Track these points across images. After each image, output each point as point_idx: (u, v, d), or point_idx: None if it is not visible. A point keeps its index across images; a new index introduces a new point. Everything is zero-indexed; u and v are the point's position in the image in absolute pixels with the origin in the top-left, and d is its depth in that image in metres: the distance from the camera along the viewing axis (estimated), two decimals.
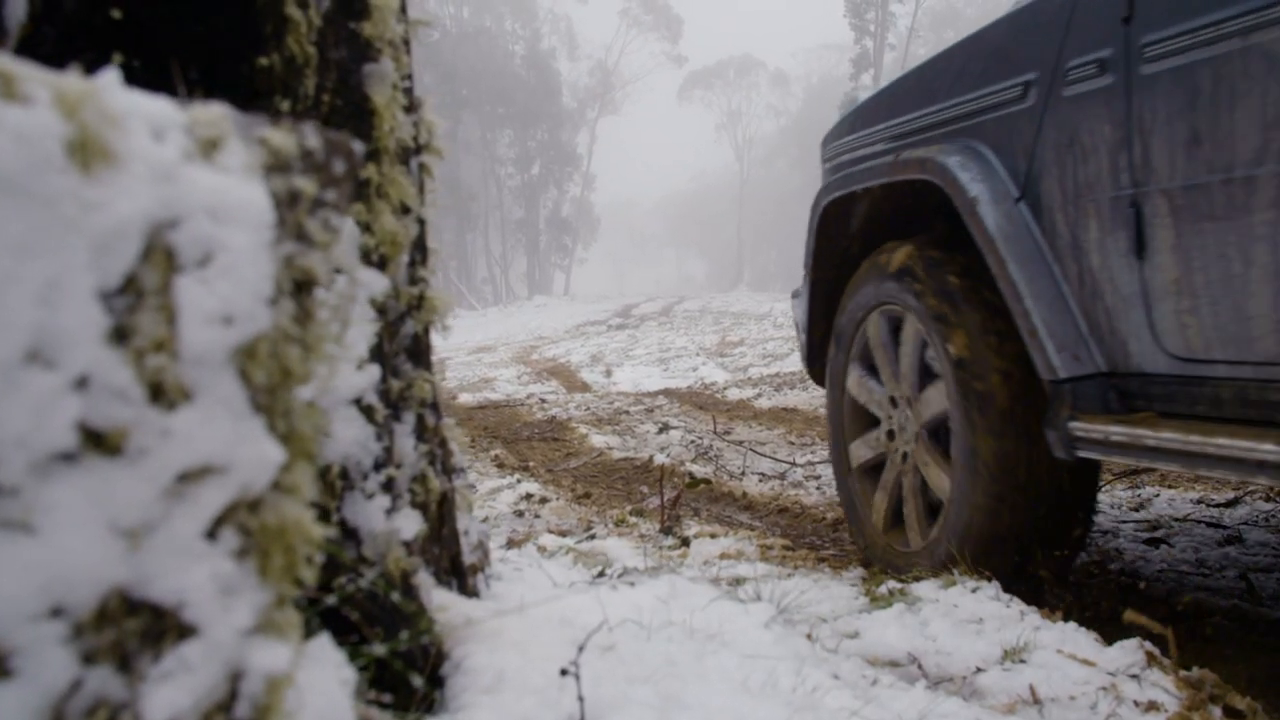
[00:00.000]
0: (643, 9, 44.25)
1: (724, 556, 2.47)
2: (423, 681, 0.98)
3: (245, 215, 0.51)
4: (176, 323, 0.49)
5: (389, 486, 1.04)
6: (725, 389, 8.11)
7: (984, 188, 2.07)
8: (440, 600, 1.11)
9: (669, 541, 2.76)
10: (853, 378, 2.65)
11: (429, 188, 1.17)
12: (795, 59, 57.73)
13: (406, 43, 1.11)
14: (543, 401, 7.84)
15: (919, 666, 1.61)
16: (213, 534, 0.51)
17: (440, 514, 1.17)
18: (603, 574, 1.84)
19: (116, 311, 0.47)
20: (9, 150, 0.43)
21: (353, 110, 1.03)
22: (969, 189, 2.08)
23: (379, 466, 1.03)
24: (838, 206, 2.70)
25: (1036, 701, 1.46)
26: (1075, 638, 1.65)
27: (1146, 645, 1.59)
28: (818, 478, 4.14)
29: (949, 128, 2.27)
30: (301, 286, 0.56)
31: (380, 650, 0.93)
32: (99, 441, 0.46)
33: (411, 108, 1.11)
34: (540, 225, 42.52)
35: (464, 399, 8.45)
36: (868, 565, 2.56)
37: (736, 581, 1.92)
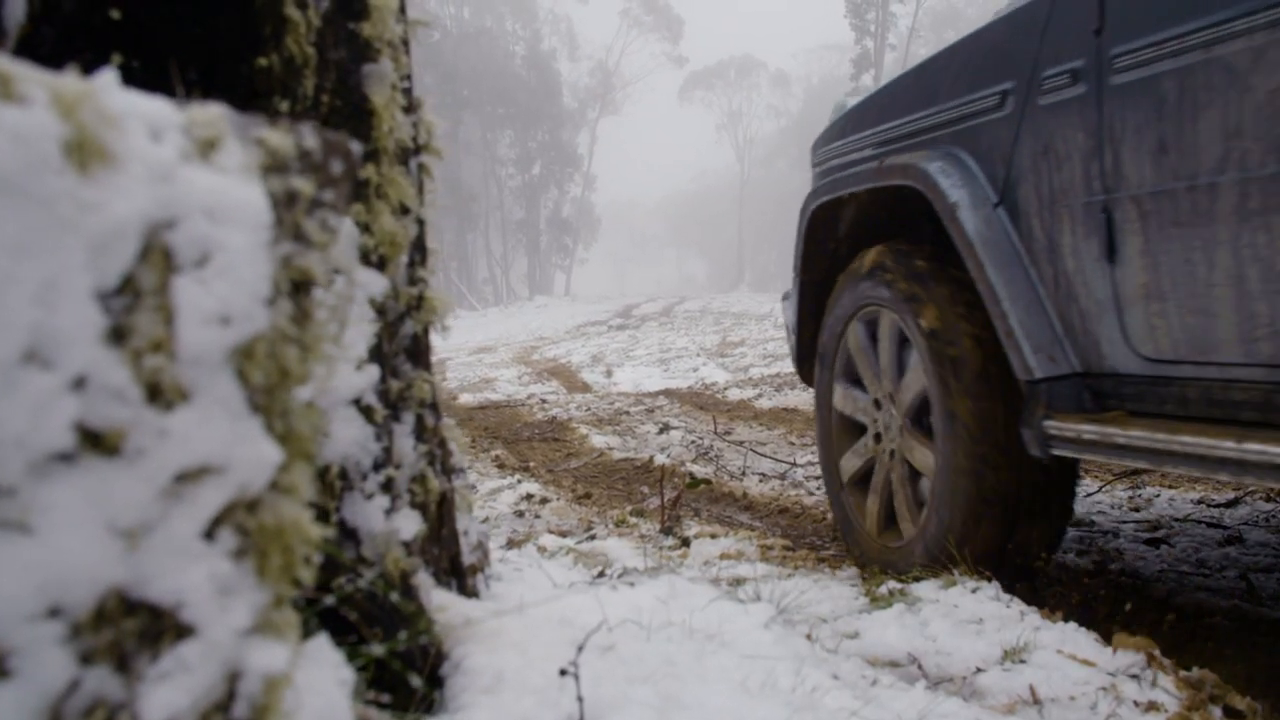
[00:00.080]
0: (643, 9, 44.28)
1: (724, 557, 2.48)
2: (422, 682, 0.98)
3: (243, 215, 0.51)
4: (174, 323, 0.49)
5: (388, 487, 1.04)
6: (726, 389, 8.11)
7: (964, 193, 2.13)
8: (439, 600, 1.11)
9: (669, 542, 2.76)
10: (838, 393, 2.74)
11: (428, 188, 1.17)
12: (796, 59, 57.93)
13: (406, 43, 1.12)
14: (543, 402, 7.84)
15: (919, 667, 1.61)
16: (210, 534, 0.51)
17: (440, 514, 1.17)
18: (603, 574, 1.84)
19: (114, 312, 0.47)
20: (6, 151, 0.43)
21: (352, 111, 1.03)
22: (949, 194, 2.14)
23: (378, 467, 1.03)
24: (826, 210, 2.77)
25: (1036, 702, 1.46)
26: (1075, 638, 1.66)
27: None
28: (818, 478, 4.13)
29: (932, 134, 2.33)
30: (299, 287, 0.56)
31: (379, 650, 0.93)
32: (97, 442, 0.46)
33: (411, 108, 1.11)
34: (541, 226, 42.54)
35: (465, 399, 8.45)
36: (864, 566, 2.57)
37: (736, 582, 1.92)
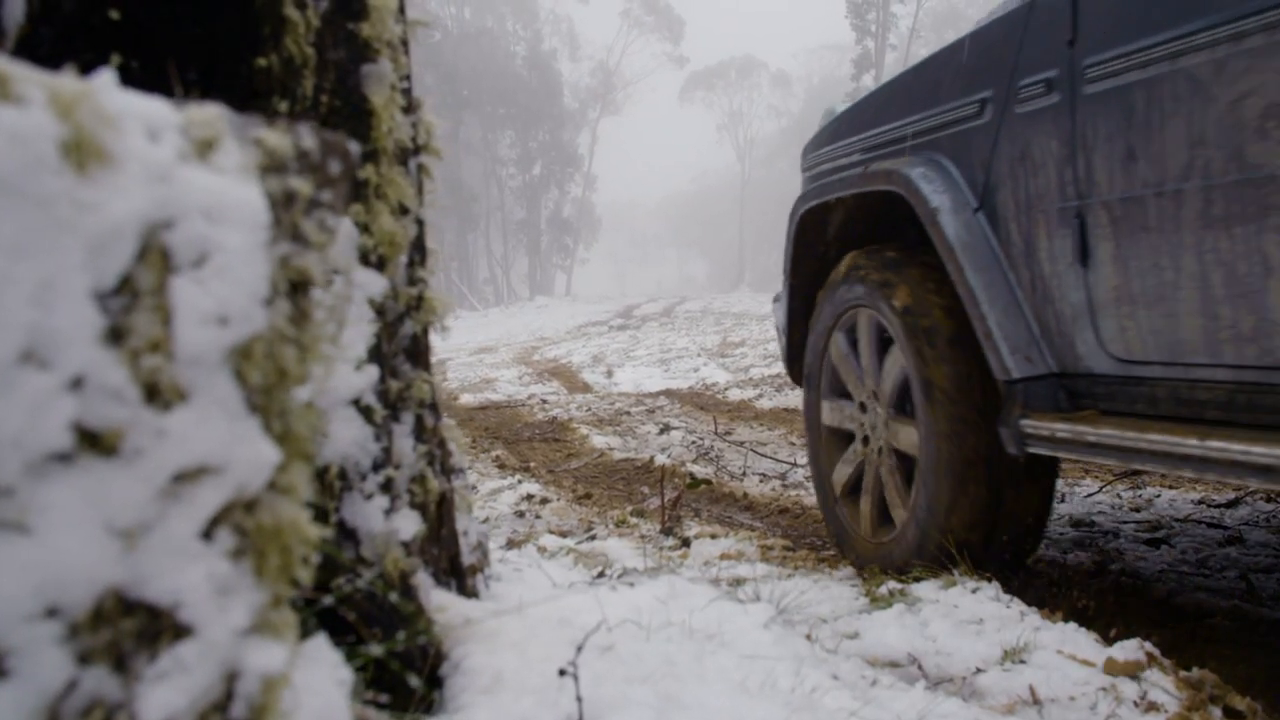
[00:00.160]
0: (644, 10, 44.28)
1: (724, 557, 2.48)
2: (421, 682, 0.98)
3: (240, 216, 0.51)
4: (172, 323, 0.49)
5: (387, 487, 1.04)
6: (726, 389, 8.10)
7: (945, 199, 2.20)
8: (439, 601, 1.11)
9: (669, 542, 2.76)
10: (826, 409, 2.79)
11: (428, 188, 1.17)
12: (797, 60, 57.93)
13: (405, 43, 1.12)
14: (544, 402, 7.84)
15: (919, 667, 1.61)
16: (209, 534, 0.51)
17: (439, 514, 1.17)
18: (602, 574, 1.84)
19: (112, 312, 0.47)
20: (3, 151, 0.43)
21: (351, 111, 1.03)
22: (930, 200, 2.20)
23: (377, 467, 1.03)
24: (815, 215, 2.82)
25: (1036, 702, 1.45)
26: (1075, 638, 1.65)
27: (1146, 646, 1.59)
28: None
29: (915, 141, 2.39)
30: (297, 287, 0.56)
31: (378, 650, 0.93)
32: (94, 442, 0.46)
33: (410, 108, 1.11)
34: (542, 226, 42.54)
35: (465, 400, 8.45)
36: (861, 568, 2.56)
37: (736, 582, 1.92)
